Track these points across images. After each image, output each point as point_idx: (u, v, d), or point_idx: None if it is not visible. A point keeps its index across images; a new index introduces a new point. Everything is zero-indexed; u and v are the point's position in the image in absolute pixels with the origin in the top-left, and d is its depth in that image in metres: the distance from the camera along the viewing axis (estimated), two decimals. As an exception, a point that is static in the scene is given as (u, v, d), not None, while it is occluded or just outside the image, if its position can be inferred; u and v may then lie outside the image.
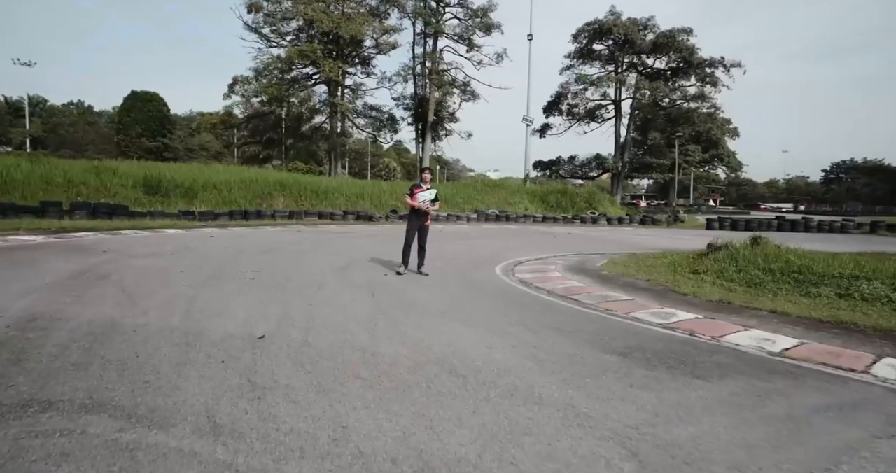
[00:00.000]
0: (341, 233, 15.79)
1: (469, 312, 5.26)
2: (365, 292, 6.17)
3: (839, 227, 25.54)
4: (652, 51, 38.14)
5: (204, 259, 8.56)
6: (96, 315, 4.53)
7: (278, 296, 5.68)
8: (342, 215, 23.01)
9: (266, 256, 9.24)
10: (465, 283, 7.22)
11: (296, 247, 10.92)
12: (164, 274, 6.84)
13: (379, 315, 4.98)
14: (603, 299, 6.22)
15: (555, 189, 32.62)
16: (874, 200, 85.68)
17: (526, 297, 6.30)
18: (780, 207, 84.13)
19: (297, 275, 7.21)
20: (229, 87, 38.79)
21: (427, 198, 8.07)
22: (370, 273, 7.82)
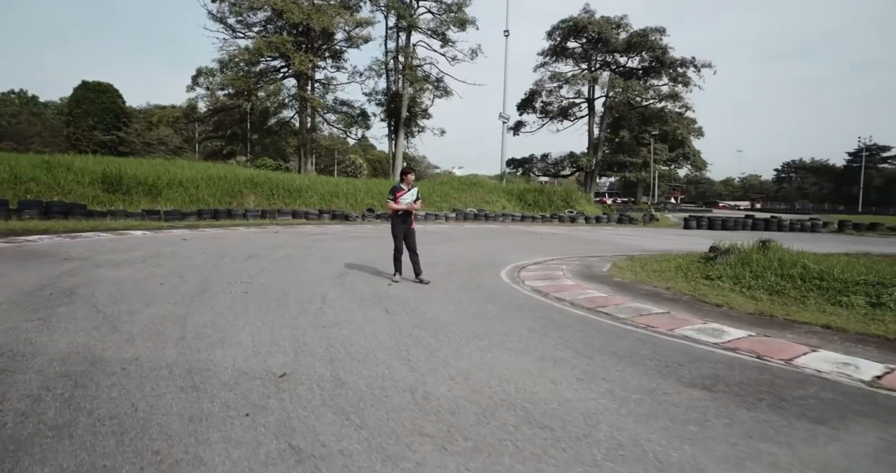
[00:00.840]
0: (321, 235, 14.95)
1: (503, 332, 4.67)
2: (376, 308, 5.50)
3: (809, 227, 26.09)
4: (625, 49, 38.31)
5: (183, 268, 7.69)
6: (71, 346, 3.74)
7: (281, 315, 4.95)
8: (317, 214, 22.07)
9: (251, 263, 8.41)
10: (479, 294, 6.62)
11: (280, 252, 10.10)
12: (142, 288, 6.00)
13: (405, 338, 4.33)
14: (635, 312, 5.73)
15: (532, 187, 32.36)
16: (821, 198, 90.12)
17: (553, 311, 5.74)
18: (737, 205, 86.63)
19: (293, 287, 6.47)
20: (193, 79, 37.08)
21: (409, 199, 7.55)
22: (370, 282, 7.14)
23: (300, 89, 35.76)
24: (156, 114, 63.94)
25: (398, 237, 7.60)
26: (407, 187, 7.57)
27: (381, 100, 39.64)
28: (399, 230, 7.60)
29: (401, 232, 7.59)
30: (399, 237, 7.60)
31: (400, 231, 7.59)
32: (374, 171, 70.04)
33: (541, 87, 41.05)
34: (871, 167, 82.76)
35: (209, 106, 40.16)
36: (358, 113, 39.86)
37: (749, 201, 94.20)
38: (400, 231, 7.59)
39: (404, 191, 7.55)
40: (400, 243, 7.60)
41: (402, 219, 7.57)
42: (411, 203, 7.58)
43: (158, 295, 5.66)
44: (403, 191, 7.55)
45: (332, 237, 14.32)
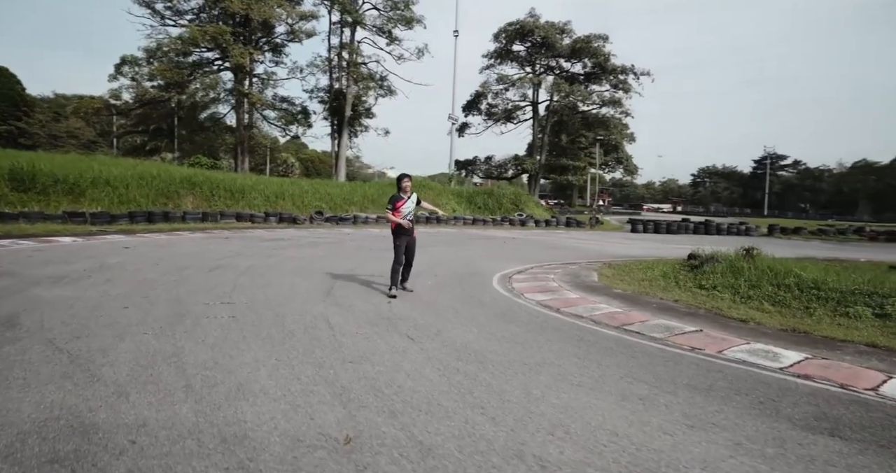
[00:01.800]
0: (277, 241, 13.84)
1: (553, 362, 4.12)
2: (394, 334, 4.80)
3: (744, 231, 27.52)
4: (570, 55, 39.04)
5: (141, 284, 6.61)
6: (42, 407, 2.82)
7: (293, 348, 4.16)
8: (263, 217, 20.70)
9: (218, 277, 7.41)
10: (489, 311, 6.06)
11: (243, 262, 9.07)
12: (102, 314, 4.96)
13: (455, 375, 3.69)
14: (667, 330, 5.36)
15: (481, 190, 32.20)
16: (731, 202, 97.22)
17: (582, 332, 5.27)
18: (660, 208, 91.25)
19: (284, 308, 5.64)
20: (116, 68, 34.04)
21: (411, 208, 7.03)
22: (366, 298, 6.41)
23: (238, 83, 33.67)
24: (68, 104, 58.33)
25: (400, 247, 6.97)
26: (406, 195, 6.99)
27: (324, 98, 38.20)
28: (402, 240, 7.00)
29: (404, 243, 7.00)
30: (401, 247, 6.98)
31: (403, 241, 7.00)
32: (306, 171, 67.74)
33: (487, 89, 41.07)
34: (772, 174, 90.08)
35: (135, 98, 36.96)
36: (299, 110, 38.15)
37: (671, 204, 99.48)
38: (403, 241, 7.00)
39: (404, 200, 6.98)
40: (401, 254, 6.98)
41: (405, 230, 6.98)
42: (412, 212, 7.08)
43: (127, 322, 4.68)
44: (403, 200, 6.98)
45: (290, 243, 13.26)
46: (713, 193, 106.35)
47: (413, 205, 7.03)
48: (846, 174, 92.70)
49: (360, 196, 25.51)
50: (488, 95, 41.48)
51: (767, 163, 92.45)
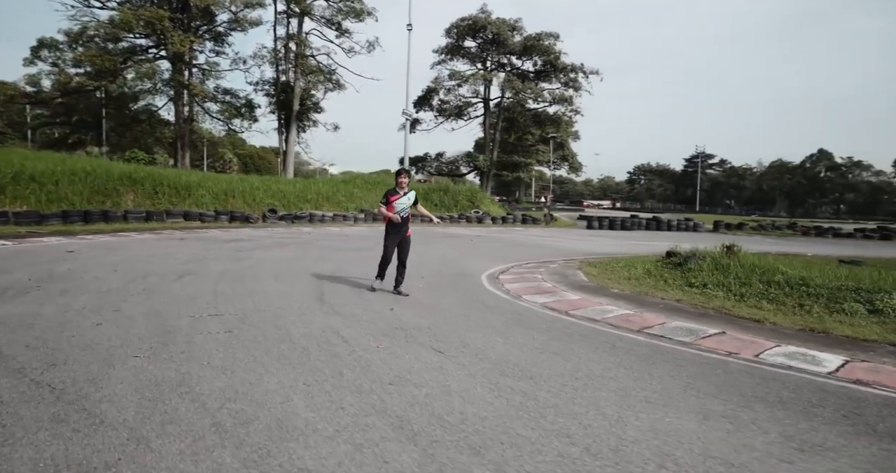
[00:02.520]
0: (237, 242, 12.93)
1: (605, 375, 3.81)
2: (417, 346, 4.36)
3: (693, 227, 28.61)
4: (521, 52, 39.23)
5: (105, 295, 5.81)
6: (41, 466, 2.21)
7: (316, 368, 3.65)
8: (213, 216, 19.47)
9: (192, 285, 6.68)
10: (501, 316, 5.72)
11: (215, 267, 8.29)
12: (74, 333, 4.23)
13: (515, 396, 3.30)
14: (688, 333, 5.20)
15: (437, 187, 31.79)
16: (665, 198, 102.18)
17: (609, 338, 5.01)
18: (600, 204, 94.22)
19: (281, 319, 5.07)
20: (33, 52, 31.13)
21: (406, 204, 6.67)
22: (364, 305, 5.92)
23: (177, 73, 31.57)
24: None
25: (390, 247, 6.72)
26: (402, 191, 6.62)
27: (270, 91, 36.58)
28: (393, 239, 6.70)
29: (395, 240, 6.70)
30: (391, 246, 6.72)
31: (394, 240, 6.70)
32: (245, 168, 64.99)
33: (439, 85, 40.68)
34: (701, 172, 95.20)
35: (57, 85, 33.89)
36: (243, 103, 36.34)
37: (610, 200, 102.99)
38: (394, 240, 6.70)
39: (399, 196, 6.62)
40: (391, 252, 6.72)
41: (396, 226, 6.64)
42: (408, 211, 6.74)
43: (108, 343, 3.99)
44: (398, 195, 6.62)
45: (253, 244, 12.40)
46: (648, 190, 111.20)
47: (409, 202, 6.69)
48: (765, 173, 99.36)
49: (313, 193, 24.53)
50: (440, 91, 41.15)
51: (699, 162, 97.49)
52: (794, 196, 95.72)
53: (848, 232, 28.29)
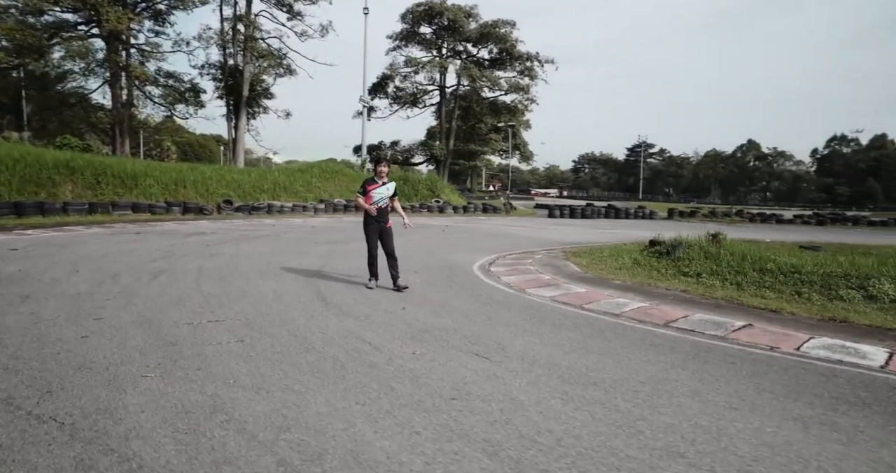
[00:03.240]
0: (198, 235, 12.05)
1: (672, 378, 3.57)
2: (454, 351, 4.00)
3: (649, 214, 29.38)
4: (477, 40, 38.84)
5: (76, 300, 5.12)
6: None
7: (362, 384, 3.23)
8: (165, 207, 18.23)
9: (172, 286, 6.02)
10: (519, 314, 5.43)
11: (186, 264, 7.59)
12: (56, 348, 3.61)
13: (589, 406, 3.01)
14: (716, 326, 5.05)
15: (396, 176, 31.16)
16: (609, 187, 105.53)
17: (648, 335, 4.79)
18: (547, 192, 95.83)
19: (295, 324, 4.59)
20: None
21: (384, 194, 6.37)
22: (374, 305, 5.50)
23: (113, 53, 29.25)
24: None
25: (371, 239, 6.37)
26: (380, 180, 6.30)
27: (217, 76, 34.64)
28: (373, 229, 6.34)
29: (375, 232, 6.34)
30: (373, 238, 6.36)
31: (374, 230, 6.33)
32: (184, 156, 61.82)
33: (395, 72, 39.73)
34: (643, 161, 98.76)
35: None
36: (187, 88, 34.23)
37: (557, 189, 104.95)
38: (374, 230, 6.33)
39: (377, 185, 6.29)
40: (375, 246, 6.38)
41: (375, 217, 6.29)
42: (386, 201, 6.40)
43: (105, 361, 3.41)
44: (376, 184, 6.29)
45: (219, 238, 11.57)
46: (592, 178, 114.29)
47: (387, 193, 6.37)
48: (701, 162, 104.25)
49: (270, 183, 23.41)
50: (395, 78, 40.24)
51: (642, 151, 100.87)
52: (727, 184, 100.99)
53: (788, 218, 29.88)
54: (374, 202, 6.22)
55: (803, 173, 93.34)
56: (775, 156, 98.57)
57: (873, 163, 79.67)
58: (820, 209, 41.26)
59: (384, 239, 6.36)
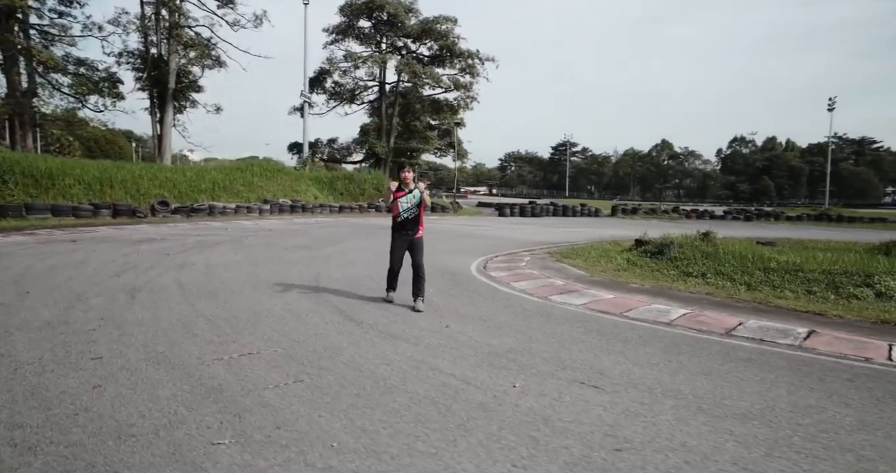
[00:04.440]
0: (149, 242, 10.70)
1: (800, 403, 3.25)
2: (551, 379, 3.48)
3: (594, 212, 30.03)
4: (418, 36, 38.06)
5: (50, 333, 4.10)
6: None
7: (475, 428, 2.65)
8: (92, 210, 16.27)
9: (162, 307, 5.06)
10: (565, 327, 5.00)
11: (159, 278, 6.52)
12: (60, 404, 2.74)
13: (758, 443, 2.60)
14: (781, 334, 4.77)
15: (341, 175, 29.95)
16: (534, 184, 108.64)
17: (724, 347, 4.50)
18: (476, 190, 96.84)
19: (346, 356, 3.88)
20: None
21: (411, 203, 5.55)
22: (411, 322, 4.87)
23: (8, 33, 25.78)
24: None
25: (397, 252, 5.64)
26: (406, 188, 5.56)
27: (137, 65, 31.70)
28: (400, 244, 5.62)
29: (403, 244, 5.62)
30: (398, 252, 5.64)
31: (402, 243, 5.62)
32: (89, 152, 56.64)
33: (334, 67, 38.13)
34: (565, 160, 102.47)
35: None
36: (103, 77, 31.04)
37: (486, 187, 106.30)
38: (402, 243, 5.62)
39: (404, 193, 5.54)
40: (399, 260, 5.64)
41: (404, 228, 5.56)
42: (413, 211, 5.57)
43: (143, 421, 2.58)
44: (403, 192, 5.54)
45: (175, 245, 10.28)
46: (519, 176, 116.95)
47: (414, 201, 5.52)
48: (620, 160, 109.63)
49: (208, 182, 21.57)
50: (334, 73, 38.65)
51: (567, 150, 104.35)
52: (644, 181, 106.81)
53: (720, 214, 31.62)
54: (400, 212, 5.51)
55: (711, 171, 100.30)
56: (686, 156, 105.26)
57: (767, 163, 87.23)
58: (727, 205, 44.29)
59: (413, 251, 5.58)
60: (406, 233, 5.56)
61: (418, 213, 5.55)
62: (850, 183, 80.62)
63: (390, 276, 5.72)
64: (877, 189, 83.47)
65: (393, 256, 5.62)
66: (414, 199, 5.51)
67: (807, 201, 76.34)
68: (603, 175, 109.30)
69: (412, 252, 5.61)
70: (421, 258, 5.58)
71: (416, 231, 5.58)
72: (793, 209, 40.98)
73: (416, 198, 5.52)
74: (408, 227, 5.52)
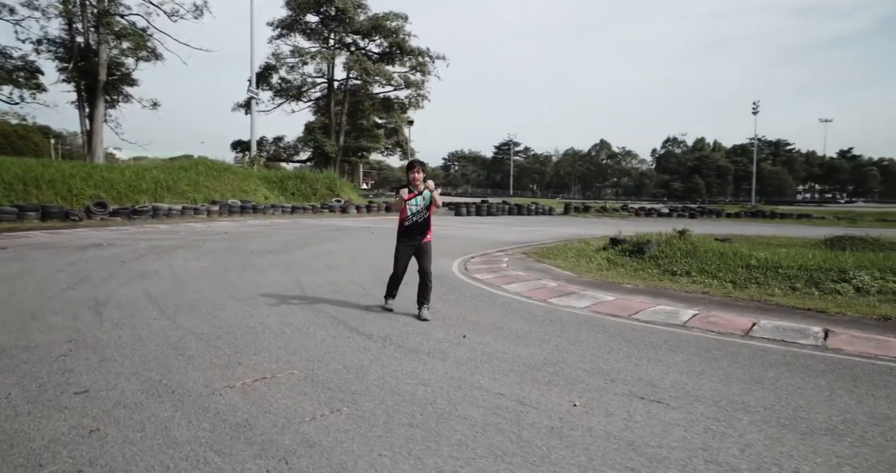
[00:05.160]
0: (94, 248, 9.71)
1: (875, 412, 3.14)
2: (607, 394, 3.22)
3: (548, 211, 30.38)
4: (367, 32, 37.23)
5: (7, 361, 3.45)
6: None
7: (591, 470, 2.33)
8: (15, 213, 14.87)
9: (134, 325, 4.44)
10: (589, 333, 4.78)
11: (121, 290, 5.80)
12: (61, 455, 2.19)
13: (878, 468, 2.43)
14: (801, 334, 4.69)
15: (292, 174, 28.84)
16: (478, 183, 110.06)
17: (754, 351, 4.39)
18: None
19: (376, 376, 3.47)
20: None
21: (421, 206, 5.05)
22: (416, 332, 4.49)
23: None
24: None
25: (402, 259, 5.13)
26: (416, 190, 5.05)
27: (60, 54, 29.27)
28: (405, 252, 5.13)
29: (409, 251, 5.12)
30: (403, 259, 5.13)
31: (408, 249, 5.12)
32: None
33: (281, 62, 36.65)
34: (509, 159, 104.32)
35: None
36: (18, 66, 28.45)
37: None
38: (408, 249, 5.12)
39: (413, 195, 5.04)
40: (403, 267, 5.14)
41: (411, 233, 5.07)
42: (423, 214, 5.07)
43: (156, 469, 2.10)
44: (412, 194, 5.05)
45: (126, 252, 9.36)
46: (463, 175, 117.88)
47: (423, 203, 5.04)
48: (561, 160, 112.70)
49: (149, 182, 20.09)
50: (280, 69, 37.22)
51: (510, 149, 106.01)
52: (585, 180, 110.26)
53: (667, 212, 32.80)
54: (409, 215, 5.02)
55: (647, 170, 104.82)
56: (623, 155, 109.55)
57: (697, 162, 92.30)
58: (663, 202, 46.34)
59: (420, 257, 5.12)
60: (414, 238, 5.07)
61: (428, 216, 5.09)
62: (769, 181, 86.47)
63: (392, 283, 5.27)
64: (791, 187, 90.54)
65: (397, 262, 5.14)
66: (424, 201, 5.02)
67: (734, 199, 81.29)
68: (545, 174, 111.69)
69: (419, 258, 5.13)
70: (429, 264, 5.15)
71: (424, 235, 5.11)
72: (730, 206, 43.27)
73: (426, 200, 5.03)
74: (416, 232, 5.04)
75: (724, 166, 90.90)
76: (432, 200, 5.05)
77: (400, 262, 5.13)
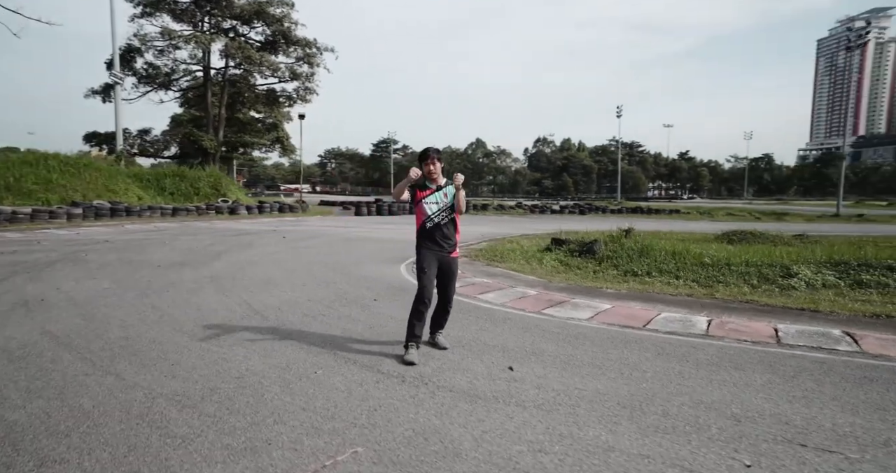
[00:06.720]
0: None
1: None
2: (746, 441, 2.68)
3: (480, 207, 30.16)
4: (248, 18, 34.03)
5: None
6: None
7: None
8: None
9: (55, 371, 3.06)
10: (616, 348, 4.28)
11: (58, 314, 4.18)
12: None
13: None
14: (825, 338, 4.60)
15: (170, 172, 25.49)
16: (357, 181, 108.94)
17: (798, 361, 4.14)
18: (299, 187, 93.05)
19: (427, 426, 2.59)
20: None
21: (443, 204, 3.99)
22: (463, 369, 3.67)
23: None
24: None
25: (429, 274, 3.89)
26: (433, 184, 4.02)
27: None
28: (430, 260, 3.93)
29: (433, 264, 3.93)
30: (430, 273, 3.90)
31: (432, 262, 3.93)
32: None
33: (147, 45, 32.10)
34: (388, 157, 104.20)
35: None
36: None
37: (310, 184, 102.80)
38: (432, 262, 3.93)
39: (430, 191, 3.99)
40: (431, 285, 3.91)
41: (435, 239, 3.96)
42: (445, 216, 3.98)
43: None
44: (430, 190, 3.99)
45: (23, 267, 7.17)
46: (340, 173, 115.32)
47: (447, 202, 3.98)
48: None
49: (-14, 179, 16.40)
50: (146, 52, 32.71)
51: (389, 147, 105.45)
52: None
53: (558, 209, 34.26)
54: (429, 215, 3.94)
55: (520, 168, 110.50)
56: (499, 154, 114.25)
57: (565, 161, 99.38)
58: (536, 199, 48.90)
59: (445, 277, 4.00)
60: (439, 244, 3.94)
61: (453, 217, 4.01)
62: (626, 179, 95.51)
63: (416, 314, 3.84)
64: (644, 184, 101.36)
65: (424, 279, 3.87)
66: (446, 198, 3.95)
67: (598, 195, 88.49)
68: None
69: (443, 278, 3.99)
70: (453, 286, 4.09)
71: (451, 246, 4.00)
72: (600, 202, 46.59)
73: (450, 198, 3.96)
74: (440, 238, 3.93)
75: (588, 165, 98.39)
76: (456, 202, 4.00)
77: (429, 279, 3.87)
